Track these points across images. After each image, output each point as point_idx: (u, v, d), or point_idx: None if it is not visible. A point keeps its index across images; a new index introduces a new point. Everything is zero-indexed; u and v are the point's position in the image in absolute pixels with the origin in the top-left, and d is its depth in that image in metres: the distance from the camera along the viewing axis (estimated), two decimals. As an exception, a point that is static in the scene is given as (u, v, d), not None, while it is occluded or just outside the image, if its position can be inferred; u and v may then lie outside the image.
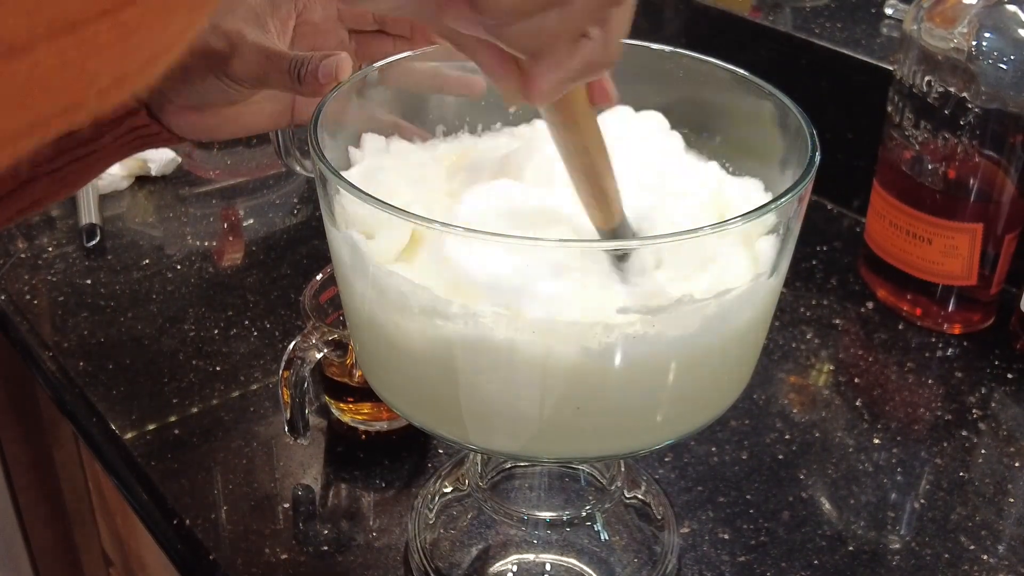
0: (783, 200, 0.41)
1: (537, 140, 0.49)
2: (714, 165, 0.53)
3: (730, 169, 0.53)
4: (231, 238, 0.89)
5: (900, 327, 0.77)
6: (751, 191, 0.51)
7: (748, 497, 0.62)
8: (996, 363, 0.73)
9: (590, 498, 0.57)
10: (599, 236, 0.44)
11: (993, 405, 0.70)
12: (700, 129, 0.54)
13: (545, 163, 0.47)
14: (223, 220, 0.91)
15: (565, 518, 0.56)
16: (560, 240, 0.40)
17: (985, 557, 0.58)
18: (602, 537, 0.57)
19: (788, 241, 0.44)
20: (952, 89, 0.69)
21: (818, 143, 0.45)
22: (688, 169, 0.53)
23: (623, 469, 0.57)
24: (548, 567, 0.56)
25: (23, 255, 0.84)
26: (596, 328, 0.40)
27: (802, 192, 0.42)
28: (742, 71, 0.50)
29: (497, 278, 0.41)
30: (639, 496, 0.59)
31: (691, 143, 0.54)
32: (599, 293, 0.41)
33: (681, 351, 0.43)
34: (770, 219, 0.43)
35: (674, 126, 0.54)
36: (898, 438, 0.67)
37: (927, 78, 0.70)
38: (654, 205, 0.48)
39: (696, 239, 0.39)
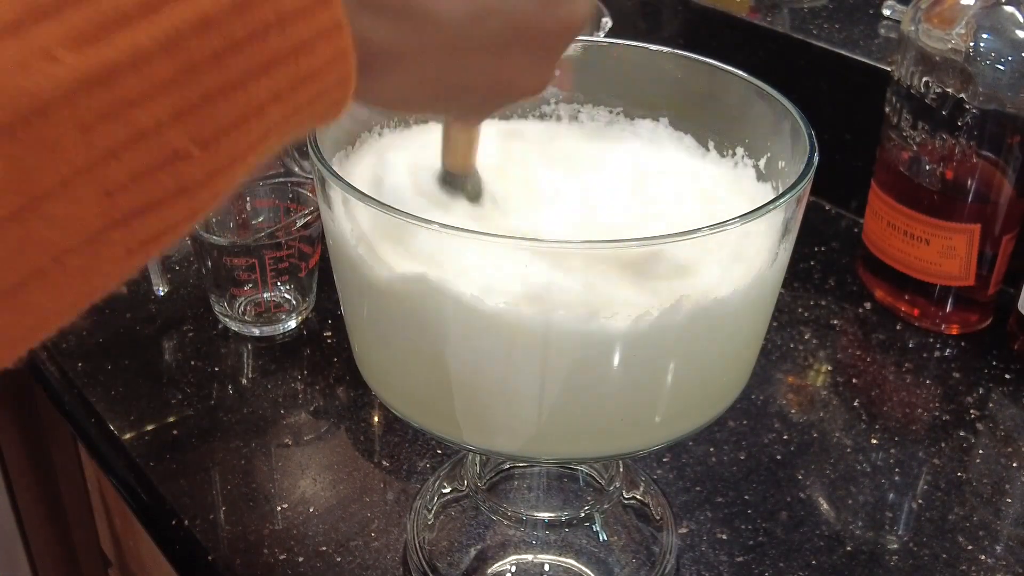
0: (781, 201, 0.41)
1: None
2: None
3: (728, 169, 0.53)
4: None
5: (898, 327, 0.77)
6: (749, 190, 0.51)
7: (746, 497, 0.62)
8: (994, 363, 0.73)
9: (588, 498, 0.57)
10: (443, 175, 0.46)
11: (991, 405, 0.70)
12: (698, 130, 0.54)
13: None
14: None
15: (564, 518, 0.56)
16: (561, 240, 0.40)
17: (983, 557, 0.59)
18: (601, 537, 0.57)
19: (786, 242, 0.44)
20: (950, 90, 0.69)
21: (816, 144, 0.45)
22: (686, 170, 0.53)
23: (621, 469, 0.57)
24: (547, 567, 0.56)
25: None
26: (594, 328, 0.41)
27: (800, 193, 0.42)
28: (740, 72, 0.50)
29: (497, 277, 0.41)
30: (637, 496, 0.59)
31: (689, 144, 0.55)
32: (598, 293, 0.41)
33: (680, 351, 0.43)
34: (768, 220, 0.43)
35: (673, 127, 0.54)
36: (896, 438, 0.67)
37: (925, 79, 0.70)
38: (652, 206, 0.48)
39: (695, 239, 0.39)
